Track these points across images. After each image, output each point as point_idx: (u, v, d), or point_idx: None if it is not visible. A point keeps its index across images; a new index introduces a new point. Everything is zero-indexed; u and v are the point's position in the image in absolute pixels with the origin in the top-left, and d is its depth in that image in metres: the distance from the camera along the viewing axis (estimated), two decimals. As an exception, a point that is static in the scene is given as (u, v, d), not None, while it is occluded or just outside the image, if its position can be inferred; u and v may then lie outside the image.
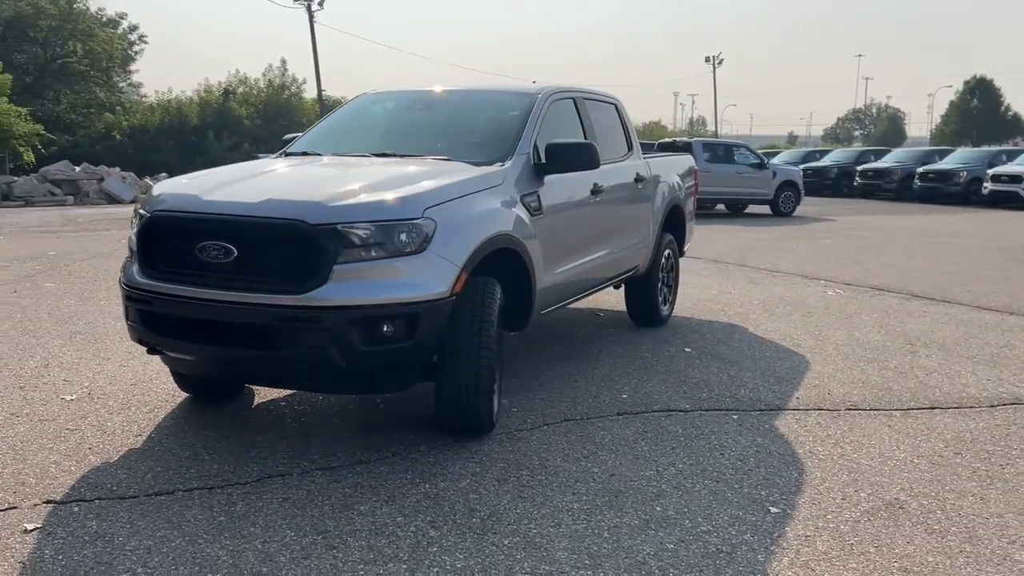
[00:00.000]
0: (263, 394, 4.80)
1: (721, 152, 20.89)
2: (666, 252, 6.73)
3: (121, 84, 46.36)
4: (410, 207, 3.70)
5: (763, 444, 4.12)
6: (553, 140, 4.74)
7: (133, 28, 57.61)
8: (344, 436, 4.17)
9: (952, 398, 4.92)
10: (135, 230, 4.01)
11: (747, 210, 21.73)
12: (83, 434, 4.14)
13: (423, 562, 2.90)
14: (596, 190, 5.29)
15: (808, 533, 3.17)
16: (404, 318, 3.61)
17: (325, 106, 41.28)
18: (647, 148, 7.21)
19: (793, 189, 21.15)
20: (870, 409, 4.72)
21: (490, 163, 4.46)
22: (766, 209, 21.03)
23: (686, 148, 20.30)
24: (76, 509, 3.28)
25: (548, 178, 4.75)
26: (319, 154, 4.97)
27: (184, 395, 4.70)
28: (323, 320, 3.52)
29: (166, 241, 3.84)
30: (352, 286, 3.57)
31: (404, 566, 2.87)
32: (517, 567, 2.87)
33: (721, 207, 22.24)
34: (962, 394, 5.01)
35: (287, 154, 5.15)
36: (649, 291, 6.55)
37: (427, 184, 3.94)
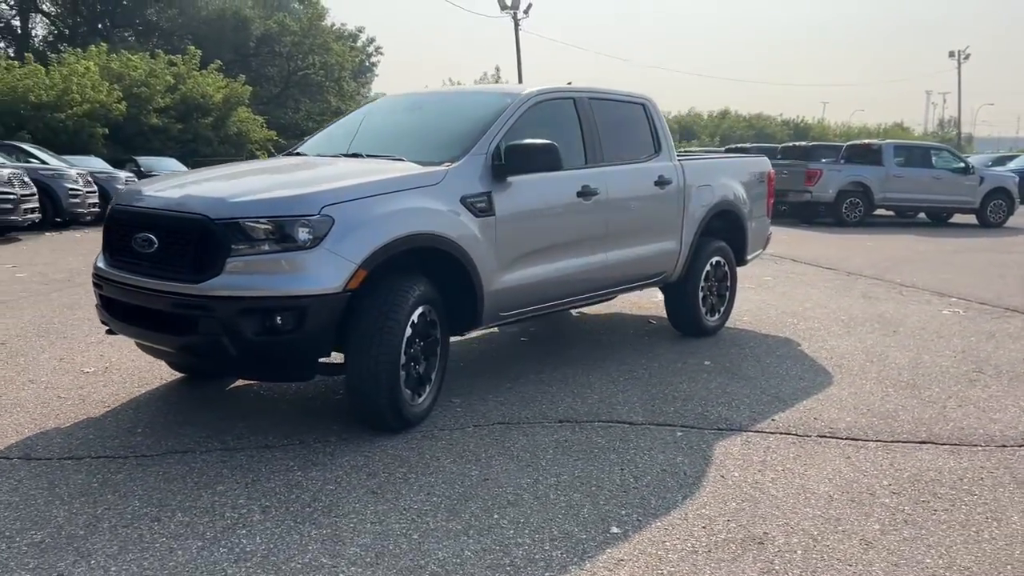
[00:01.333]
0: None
1: (917, 155, 19.21)
2: (713, 260, 6.39)
3: (355, 93, 49.99)
4: (307, 204, 3.85)
5: (678, 463, 3.88)
6: (515, 141, 4.67)
7: (371, 40, 62.22)
8: (279, 420, 4.38)
9: (961, 434, 4.35)
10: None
11: (952, 219, 19.81)
12: (65, 402, 4.65)
13: (220, 541, 3.04)
14: (587, 192, 5.16)
15: (624, 557, 2.99)
16: (292, 310, 3.76)
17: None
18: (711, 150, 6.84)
19: (1005, 197, 19.06)
20: (847, 438, 4.28)
21: (438, 163, 4.50)
22: (973, 219, 19.09)
23: (868, 152, 18.97)
24: (-9, 465, 3.71)
25: (514, 179, 4.71)
26: (304, 154, 5.24)
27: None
28: (214, 309, 3.75)
29: (115, 232, 4.25)
30: (244, 278, 3.77)
31: (200, 543, 3.03)
32: (299, 555, 2.94)
33: (922, 216, 20.47)
34: (979, 430, 4.41)
35: (287, 153, 5.47)
36: (687, 299, 6.27)
37: (336, 183, 4.07)
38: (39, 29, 50.26)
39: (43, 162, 17.32)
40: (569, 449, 4.03)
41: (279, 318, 3.75)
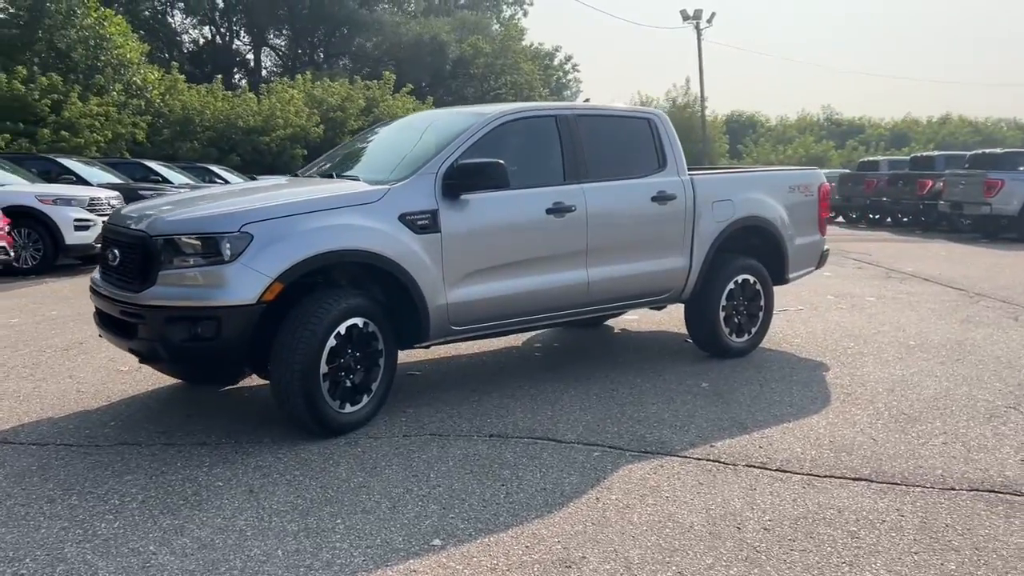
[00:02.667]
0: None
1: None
2: (740, 278, 6.16)
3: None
4: (228, 222, 4.20)
5: (564, 483, 3.86)
6: (466, 159, 4.80)
7: (568, 58, 63.36)
8: (233, 421, 4.74)
9: (912, 473, 3.99)
10: (103, 237, 5.07)
11: None
12: (82, 395, 5.28)
13: (83, 523, 3.41)
14: (561, 208, 5.18)
15: (419, 569, 3.07)
16: (211, 320, 4.12)
17: (706, 123, 41.31)
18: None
19: None
20: (776, 469, 4.06)
21: (384, 183, 4.73)
22: None
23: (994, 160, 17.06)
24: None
25: (472, 196, 4.84)
26: (297, 175, 5.64)
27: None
28: (147, 317, 4.19)
29: (101, 247, 4.82)
30: (173, 289, 4.18)
31: (65, 524, 3.42)
32: (135, 542, 3.24)
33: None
34: (939, 471, 4.02)
35: (292, 175, 5.91)
36: (706, 318, 6.09)
37: (261, 203, 4.40)
38: (267, 60, 55.49)
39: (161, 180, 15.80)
40: (469, 463, 4.10)
41: (200, 327, 4.11)
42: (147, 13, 44.40)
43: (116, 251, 4.48)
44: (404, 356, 6.07)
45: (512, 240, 5.04)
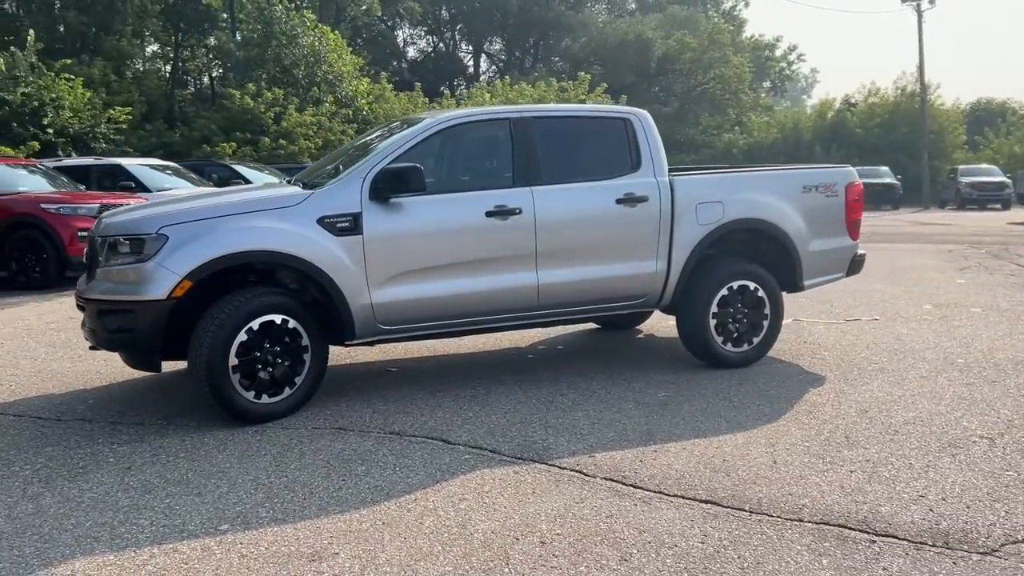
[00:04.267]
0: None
1: None
2: (735, 284, 5.86)
3: (754, 104, 49.23)
4: (148, 225, 4.69)
5: (398, 480, 3.94)
6: (392, 165, 5.00)
7: (792, 48, 60.63)
8: (181, 406, 5.20)
9: (769, 501, 3.68)
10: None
11: None
12: (93, 376, 6.02)
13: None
14: (503, 211, 5.23)
15: (182, 550, 3.32)
16: (129, 313, 4.63)
17: (927, 112, 37.81)
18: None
19: None
20: (633, 485, 3.91)
21: (313, 187, 5.04)
22: None
23: None
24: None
25: (404, 199, 5.04)
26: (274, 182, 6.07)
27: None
28: (86, 308, 4.78)
29: (89, 248, 5.51)
30: (105, 284, 4.74)
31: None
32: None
33: None
34: (804, 501, 3.69)
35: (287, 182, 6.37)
36: (694, 326, 5.86)
37: (182, 207, 4.84)
38: (486, 67, 57.75)
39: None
40: (340, 457, 4.28)
41: (123, 319, 4.62)
42: (374, 31, 47.64)
43: (88, 251, 5.10)
44: (384, 352, 6.35)
45: (446, 242, 5.13)
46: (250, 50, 32.49)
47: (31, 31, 26.56)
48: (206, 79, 39.21)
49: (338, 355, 6.47)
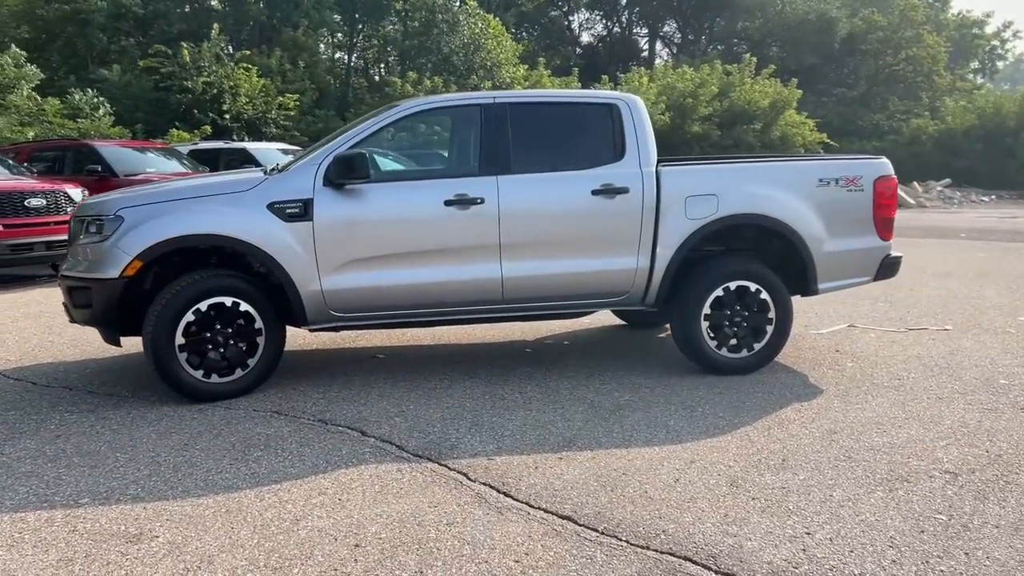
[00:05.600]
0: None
1: None
2: (732, 284, 5.44)
3: (950, 87, 45.31)
4: (109, 207, 4.94)
5: (280, 470, 3.95)
6: (342, 151, 5.00)
7: (1007, 25, 55.40)
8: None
9: (629, 524, 3.40)
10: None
11: None
12: (102, 348, 6.46)
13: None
14: (464, 200, 5.11)
15: (30, 520, 3.51)
16: (87, 290, 4.91)
17: None
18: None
19: None
20: (505, 493, 3.73)
21: (268, 173, 5.14)
22: None
23: None
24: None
25: (360, 186, 5.03)
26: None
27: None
28: (61, 286, 5.13)
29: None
30: (74, 261, 5.05)
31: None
32: None
33: None
34: (660, 526, 3.38)
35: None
36: (683, 327, 5.49)
37: (147, 190, 5.06)
38: (662, 50, 56.67)
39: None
40: (247, 440, 4.33)
41: (83, 296, 4.91)
42: (544, 19, 47.79)
43: (76, 230, 5.44)
44: (377, 339, 6.37)
45: (401, 231, 5.06)
46: (413, 39, 33.51)
47: (216, 24, 28.67)
48: (383, 68, 40.85)
49: (328, 339, 6.56)
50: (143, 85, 26.80)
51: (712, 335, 5.41)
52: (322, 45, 37.28)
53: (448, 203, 5.03)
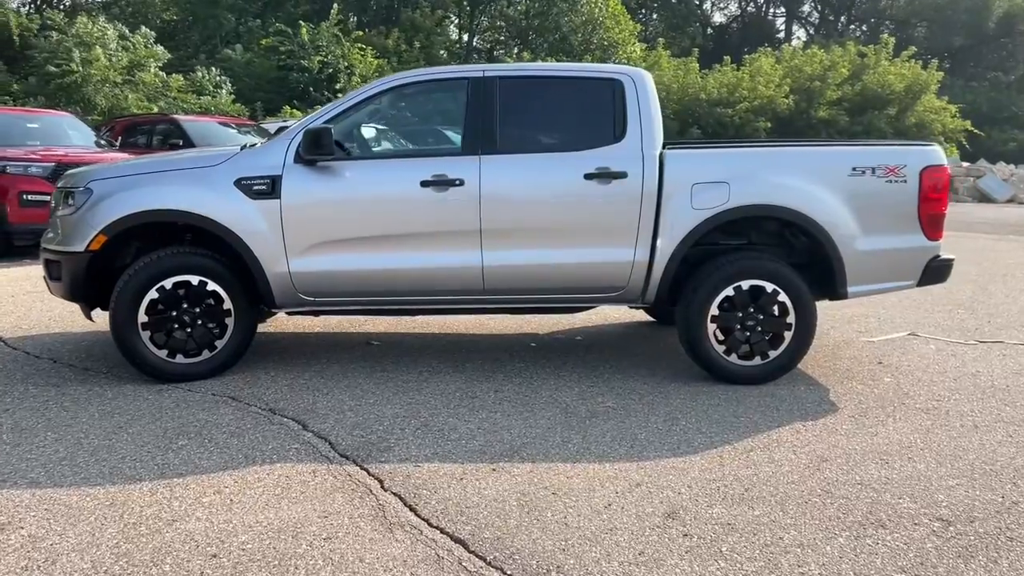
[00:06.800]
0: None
1: None
2: (746, 284, 4.87)
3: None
4: (81, 179, 4.86)
5: (199, 463, 3.76)
6: (311, 126, 4.73)
7: None
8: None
9: (531, 557, 3.03)
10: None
11: None
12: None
13: None
14: (442, 181, 4.75)
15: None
16: (57, 263, 4.86)
17: None
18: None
19: None
20: (411, 507, 3.42)
21: (241, 148, 4.94)
22: None
23: None
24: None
25: (333, 163, 4.76)
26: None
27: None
28: (41, 257, 5.10)
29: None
30: (52, 235, 5.01)
31: None
32: None
33: None
34: (557, 554, 3.00)
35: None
36: (688, 329, 4.97)
37: (115, 164, 4.94)
38: (794, 30, 54.12)
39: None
40: (181, 426, 4.13)
41: (54, 269, 4.85)
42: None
43: (69, 201, 5.40)
44: (379, 324, 6.11)
45: (374, 212, 4.75)
46: (532, 19, 33.16)
47: (335, 4, 29.18)
48: (502, 50, 40.69)
49: (327, 322, 6.34)
50: (265, 64, 27.56)
51: (721, 339, 4.83)
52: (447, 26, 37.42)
53: (425, 184, 4.67)
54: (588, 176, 4.71)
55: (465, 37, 38.97)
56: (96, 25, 22.05)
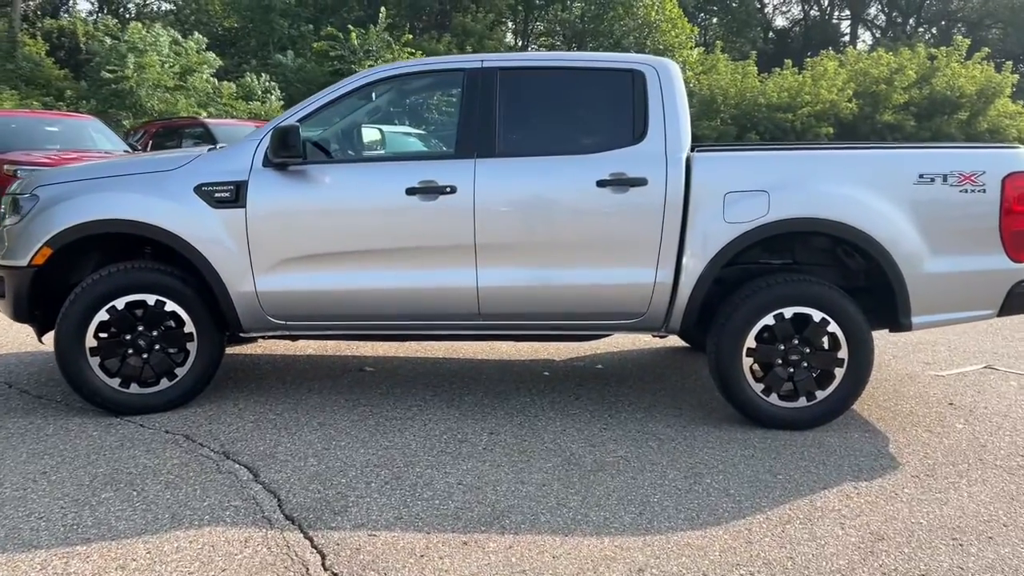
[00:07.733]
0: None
1: None
2: (787, 311, 4.12)
3: None
4: (28, 185, 4.33)
5: (114, 519, 3.21)
6: (281, 123, 4.13)
7: None
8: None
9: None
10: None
11: None
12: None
13: None
14: (432, 189, 4.11)
15: None
16: (2, 280, 4.33)
17: None
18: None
19: None
20: (305, 537, 2.79)
21: (208, 150, 4.36)
22: None
23: None
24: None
25: (306, 167, 4.17)
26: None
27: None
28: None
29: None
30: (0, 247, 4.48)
31: None
32: None
33: None
34: None
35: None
36: (719, 364, 4.23)
37: (68, 167, 4.39)
38: (860, 33, 52.37)
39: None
40: (113, 473, 3.57)
41: (1, 284, 4.31)
42: (735, 0, 45.18)
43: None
44: (380, 349, 5.50)
45: (352, 224, 4.13)
46: (588, 23, 32.44)
47: (383, 8, 28.88)
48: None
49: (319, 345, 5.73)
50: (316, 69, 27.36)
51: (759, 376, 4.07)
52: (502, 32, 36.93)
53: (411, 191, 4.03)
54: (602, 183, 4.00)
55: (520, 42, 38.42)
56: (150, 31, 22.05)
